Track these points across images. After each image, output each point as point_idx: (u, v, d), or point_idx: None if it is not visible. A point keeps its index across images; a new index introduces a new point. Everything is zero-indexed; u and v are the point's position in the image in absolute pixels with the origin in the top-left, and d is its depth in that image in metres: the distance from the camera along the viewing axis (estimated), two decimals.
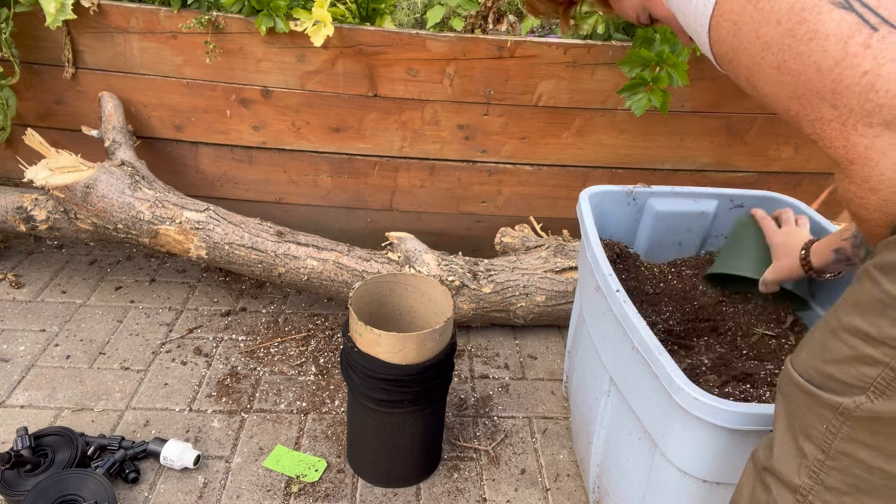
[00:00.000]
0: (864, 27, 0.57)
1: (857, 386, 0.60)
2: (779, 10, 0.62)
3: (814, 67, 0.60)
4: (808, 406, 0.65)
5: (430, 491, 1.36)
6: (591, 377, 1.27)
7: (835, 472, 0.63)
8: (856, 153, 0.59)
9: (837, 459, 0.62)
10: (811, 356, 0.65)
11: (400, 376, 1.19)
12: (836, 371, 0.62)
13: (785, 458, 0.68)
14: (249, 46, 1.74)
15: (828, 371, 0.63)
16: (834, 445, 0.62)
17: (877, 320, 0.58)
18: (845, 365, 0.61)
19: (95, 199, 1.63)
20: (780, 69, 0.63)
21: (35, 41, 1.76)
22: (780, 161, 1.96)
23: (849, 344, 0.60)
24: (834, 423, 0.62)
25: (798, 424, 0.66)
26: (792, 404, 0.68)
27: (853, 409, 0.60)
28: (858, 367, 0.59)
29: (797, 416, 0.67)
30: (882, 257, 0.58)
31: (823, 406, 0.63)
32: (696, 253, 1.55)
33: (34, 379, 1.55)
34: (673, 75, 1.62)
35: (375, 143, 1.89)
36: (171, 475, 1.34)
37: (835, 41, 0.59)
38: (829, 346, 0.63)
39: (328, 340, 1.76)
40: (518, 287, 1.72)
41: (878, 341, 0.58)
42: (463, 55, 1.74)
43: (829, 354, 0.63)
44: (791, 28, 0.61)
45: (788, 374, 0.69)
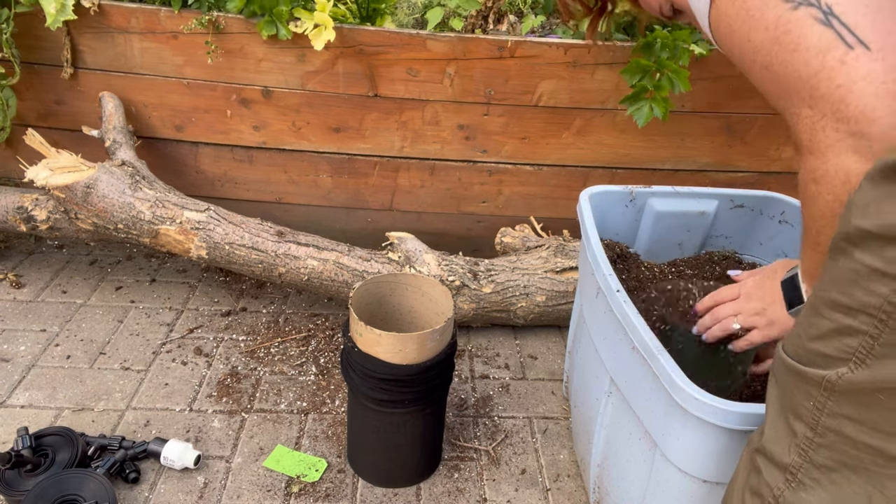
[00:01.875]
0: (841, 44, 0.65)
1: (840, 358, 0.60)
2: (767, 18, 0.70)
3: (795, 74, 0.69)
4: (797, 385, 0.66)
5: (430, 491, 1.36)
6: (592, 377, 1.27)
7: (823, 449, 0.64)
8: (816, 147, 0.69)
9: (825, 436, 0.63)
10: (797, 335, 0.67)
11: (400, 376, 1.19)
12: (821, 346, 0.62)
13: (776, 438, 0.69)
14: (250, 47, 1.74)
15: (813, 347, 0.63)
16: (821, 422, 0.63)
17: (851, 290, 0.59)
18: (828, 339, 0.62)
19: (96, 199, 1.64)
20: (769, 70, 0.72)
21: (35, 41, 1.76)
22: (780, 161, 1.96)
23: (829, 318, 0.61)
24: (819, 398, 0.63)
25: (788, 405, 0.67)
26: (782, 386, 0.69)
27: (835, 380, 0.61)
28: (841, 338, 0.60)
29: (787, 397, 0.67)
30: (845, 229, 0.60)
31: (809, 382, 0.63)
32: (696, 253, 1.55)
33: (35, 379, 1.55)
34: (675, 81, 1.62)
35: (376, 143, 1.89)
36: (171, 475, 1.34)
37: (815, 53, 0.66)
38: (813, 322, 0.64)
39: (328, 340, 1.76)
40: (518, 287, 1.72)
41: (855, 310, 0.58)
42: (463, 55, 1.74)
43: (814, 330, 0.63)
44: (777, 36, 0.69)
45: (779, 356, 0.70)
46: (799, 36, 0.67)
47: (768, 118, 1.87)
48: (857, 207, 0.58)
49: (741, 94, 1.82)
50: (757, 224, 1.51)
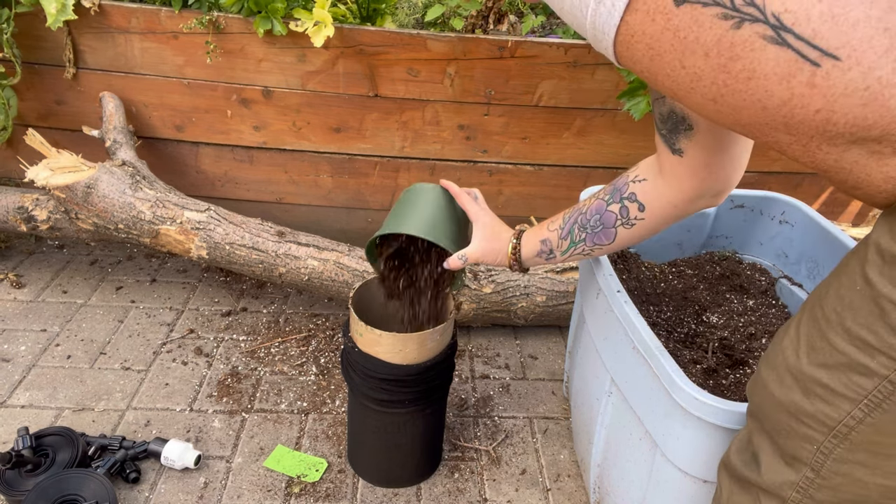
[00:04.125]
0: (805, 64, 0.52)
1: (847, 397, 0.56)
2: (705, 42, 0.56)
3: (759, 105, 0.56)
4: (794, 426, 0.61)
5: (430, 491, 1.36)
6: (592, 377, 1.27)
7: (826, 490, 0.60)
8: (826, 166, 0.57)
9: (830, 479, 0.59)
10: (796, 355, 0.61)
11: (400, 376, 1.19)
12: (825, 376, 0.57)
13: (770, 472, 0.65)
14: (250, 47, 1.74)
15: (815, 375, 0.58)
16: (826, 466, 0.59)
17: (874, 326, 0.53)
18: (836, 372, 0.56)
19: (96, 199, 1.64)
20: (718, 102, 0.59)
21: (36, 41, 1.76)
22: (780, 161, 1.96)
23: (840, 349, 0.56)
24: (826, 445, 0.58)
25: (783, 443, 0.63)
26: (772, 420, 0.64)
27: (847, 432, 0.56)
28: (851, 375, 0.55)
29: (781, 436, 0.63)
30: (874, 252, 0.54)
31: (812, 427, 0.59)
32: (696, 253, 1.55)
33: (35, 379, 1.55)
34: None
35: (376, 143, 1.89)
36: (171, 475, 1.34)
37: (776, 81, 0.54)
38: (818, 346, 0.58)
39: (329, 340, 1.76)
40: (518, 287, 1.72)
41: (874, 349, 0.54)
42: (463, 55, 1.74)
43: (819, 357, 0.58)
44: (723, 64, 0.56)
45: (762, 383, 0.65)
46: (751, 62, 0.54)
47: None
48: (888, 230, 0.53)
49: None
50: (757, 224, 1.51)
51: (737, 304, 1.39)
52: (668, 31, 0.58)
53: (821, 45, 0.51)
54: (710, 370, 1.19)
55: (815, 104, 0.53)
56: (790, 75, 0.53)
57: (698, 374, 1.18)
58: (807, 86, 0.53)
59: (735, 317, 1.35)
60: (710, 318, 1.36)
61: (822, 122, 0.54)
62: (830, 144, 0.55)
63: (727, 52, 0.55)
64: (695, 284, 1.44)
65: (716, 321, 1.35)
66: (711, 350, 1.25)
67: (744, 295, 1.42)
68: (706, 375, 1.18)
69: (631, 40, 0.61)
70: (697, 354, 1.24)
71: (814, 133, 0.55)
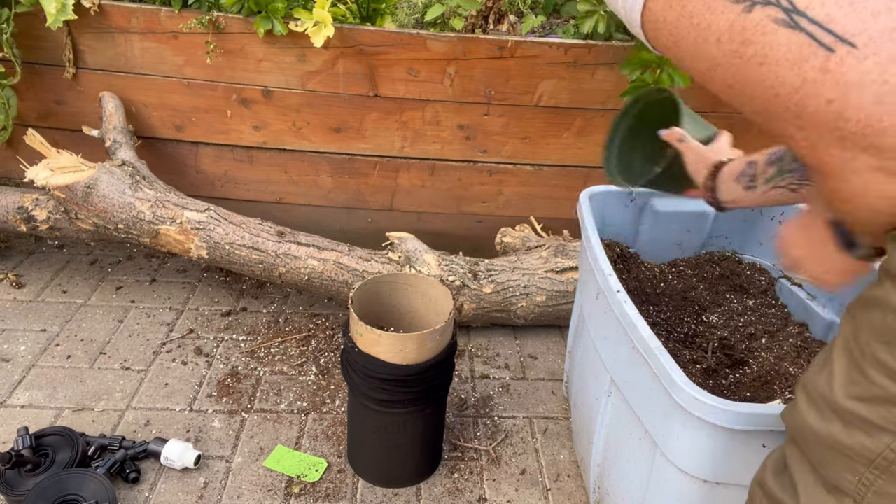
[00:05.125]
0: (819, 49, 0.50)
1: (886, 429, 0.56)
2: (718, 27, 0.55)
3: (771, 92, 0.54)
4: (834, 458, 0.61)
5: (430, 491, 1.36)
6: (592, 377, 1.27)
7: None
8: (829, 169, 0.55)
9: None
10: (831, 388, 0.61)
11: (400, 376, 1.19)
12: (862, 410, 0.57)
13: (812, 502, 0.64)
14: (250, 47, 1.74)
15: (852, 408, 0.58)
16: (867, 498, 0.59)
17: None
18: (873, 405, 0.56)
19: (96, 199, 1.64)
20: (734, 88, 0.57)
21: (36, 41, 1.76)
22: None
23: (876, 382, 0.56)
24: (867, 476, 0.58)
25: (824, 473, 0.63)
26: (813, 451, 0.64)
27: (887, 465, 0.56)
28: (890, 408, 0.55)
29: (822, 465, 0.63)
30: (892, 283, 0.54)
31: (853, 459, 0.59)
32: (696, 253, 1.55)
33: (35, 379, 1.55)
34: (674, 77, 1.62)
35: (376, 143, 1.89)
36: (171, 475, 1.34)
37: (788, 67, 0.52)
38: (855, 379, 0.58)
39: (329, 340, 1.76)
40: (518, 287, 1.72)
41: None
42: (463, 55, 1.74)
43: (855, 389, 0.58)
44: (735, 49, 0.54)
45: (802, 416, 0.64)
46: (763, 46, 0.53)
47: None
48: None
49: None
50: (757, 224, 1.51)
51: (736, 304, 1.39)
52: (684, 18, 0.57)
53: (836, 29, 0.49)
54: (709, 370, 1.19)
55: (827, 93, 0.51)
56: (802, 60, 0.51)
57: (698, 374, 1.18)
58: (819, 71, 0.50)
59: (735, 317, 1.35)
60: (709, 318, 1.36)
61: (835, 115, 0.51)
62: (840, 147, 0.52)
63: (739, 36, 0.54)
64: (695, 284, 1.44)
65: (716, 321, 1.35)
66: (711, 350, 1.25)
67: (743, 295, 1.42)
68: (706, 375, 1.18)
69: (655, 27, 0.61)
70: (697, 354, 1.24)
71: (825, 129, 0.52)
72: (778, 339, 1.29)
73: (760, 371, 1.19)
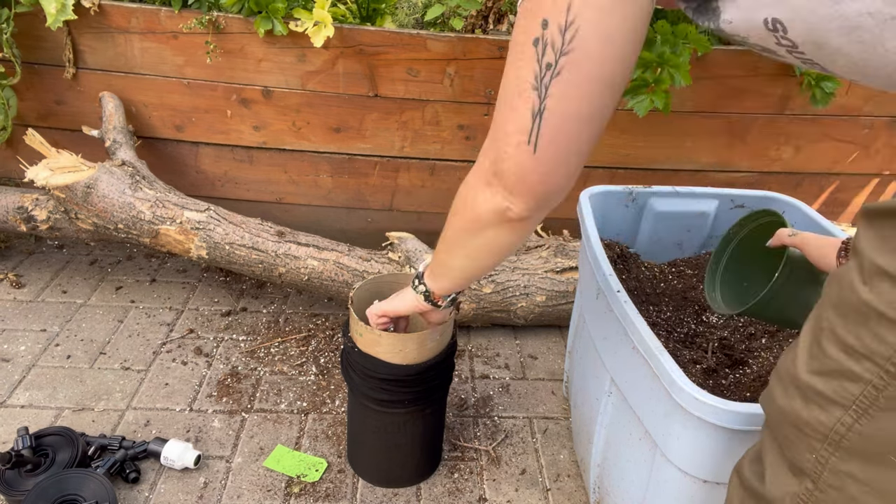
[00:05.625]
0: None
1: (838, 403, 0.57)
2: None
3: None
4: (796, 435, 0.62)
5: (430, 491, 1.36)
6: (592, 377, 1.27)
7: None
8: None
9: (826, 492, 0.60)
10: (795, 365, 0.62)
11: (400, 376, 1.19)
12: (819, 383, 0.59)
13: (775, 484, 0.66)
14: (250, 46, 1.74)
15: (811, 383, 0.60)
16: (823, 477, 0.60)
17: (858, 332, 0.55)
18: (829, 378, 0.58)
19: (96, 199, 1.64)
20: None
21: (36, 41, 1.76)
22: (780, 161, 1.96)
23: (832, 356, 0.58)
24: (822, 453, 0.59)
25: (789, 454, 0.64)
26: (780, 431, 0.65)
27: (839, 439, 0.57)
28: (841, 382, 0.57)
29: (787, 446, 0.64)
30: (857, 261, 0.56)
31: (811, 436, 0.60)
32: (696, 253, 1.55)
33: (35, 379, 1.55)
34: (675, 76, 1.62)
35: (376, 143, 1.89)
36: (171, 475, 1.34)
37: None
38: (815, 354, 0.60)
39: (329, 340, 1.76)
40: (518, 287, 1.72)
41: (860, 355, 0.55)
42: (463, 55, 1.74)
43: (815, 364, 0.60)
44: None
45: (771, 395, 0.66)
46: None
47: (768, 118, 1.87)
48: (876, 239, 0.54)
49: (741, 94, 1.83)
50: None
51: None
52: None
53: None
54: (709, 370, 1.19)
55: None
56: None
57: (698, 374, 1.18)
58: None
59: (735, 317, 1.35)
60: (709, 318, 1.36)
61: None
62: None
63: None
64: (695, 284, 1.44)
65: (715, 321, 1.35)
66: (711, 350, 1.25)
67: None
68: (706, 375, 1.18)
69: None
70: (697, 354, 1.24)
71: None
72: (778, 339, 1.29)
73: (760, 371, 1.19)
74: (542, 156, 0.70)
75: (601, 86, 0.67)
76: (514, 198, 0.76)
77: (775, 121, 1.87)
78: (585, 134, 0.71)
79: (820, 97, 1.75)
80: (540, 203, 0.77)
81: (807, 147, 1.94)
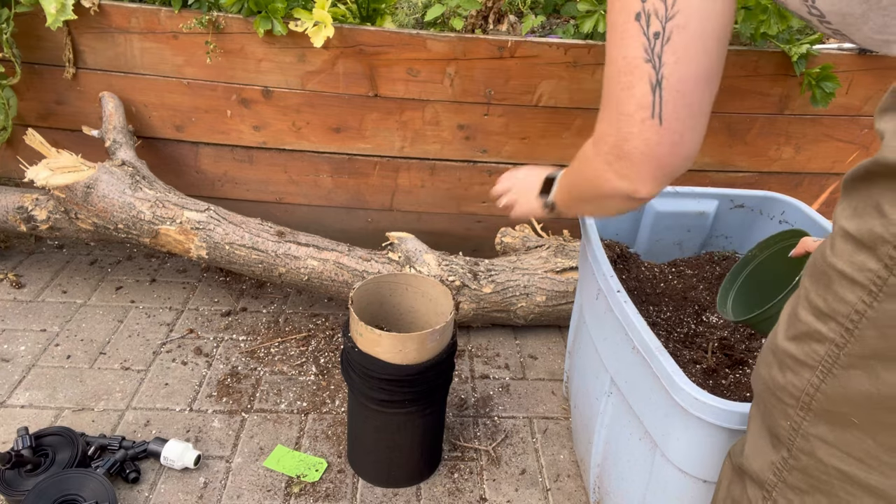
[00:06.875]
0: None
1: (807, 364, 0.60)
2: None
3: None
4: (774, 403, 0.65)
5: (430, 491, 1.36)
6: (592, 377, 1.27)
7: (796, 472, 0.63)
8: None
9: (799, 459, 0.63)
10: (775, 335, 0.65)
11: (400, 376, 1.19)
12: (793, 347, 0.61)
13: (755, 455, 0.68)
14: (250, 46, 1.74)
15: (786, 347, 0.62)
16: (796, 443, 0.62)
17: (825, 293, 0.58)
18: (800, 342, 0.61)
19: (96, 199, 1.64)
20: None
21: (36, 41, 1.76)
22: (780, 161, 1.96)
23: (803, 319, 0.60)
24: (795, 418, 0.62)
25: (768, 423, 0.67)
26: (762, 403, 0.68)
27: (808, 401, 0.59)
28: (811, 343, 0.59)
29: (767, 415, 0.67)
30: (834, 225, 0.59)
31: (786, 402, 0.62)
32: (696, 253, 1.55)
33: (35, 379, 1.55)
34: None
35: (376, 143, 1.89)
36: (171, 475, 1.34)
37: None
38: (791, 321, 0.63)
39: (329, 340, 1.76)
40: (518, 287, 1.72)
41: (826, 315, 0.58)
42: (463, 55, 1.74)
43: (791, 330, 0.62)
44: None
45: (756, 368, 0.69)
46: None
47: (768, 118, 1.87)
48: (847, 208, 0.57)
49: (741, 94, 1.82)
50: (757, 224, 1.51)
51: None
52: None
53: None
54: (710, 370, 1.19)
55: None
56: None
57: (698, 374, 1.18)
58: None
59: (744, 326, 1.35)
60: (709, 318, 1.36)
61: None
62: None
63: None
64: (695, 284, 1.44)
65: (715, 321, 1.35)
66: (711, 350, 1.25)
67: None
68: (706, 375, 1.18)
69: None
70: (697, 354, 1.24)
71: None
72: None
73: None
74: (670, 125, 0.69)
75: (712, 41, 0.67)
76: (643, 179, 0.73)
77: (775, 121, 1.87)
78: (707, 93, 0.70)
79: (820, 97, 1.75)
80: (668, 177, 0.74)
81: (807, 147, 1.94)
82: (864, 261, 0.54)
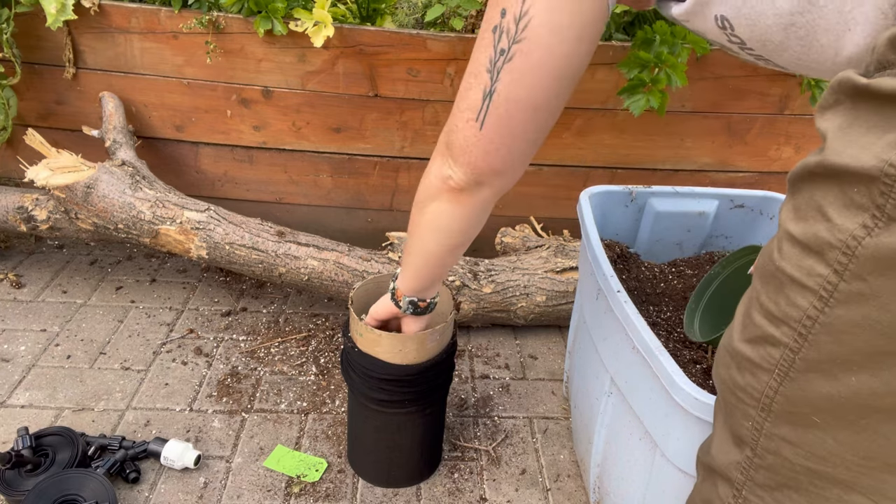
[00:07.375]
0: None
1: (763, 367, 0.59)
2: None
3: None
4: (735, 404, 0.64)
5: (430, 491, 1.36)
6: (592, 377, 1.27)
7: (763, 470, 0.63)
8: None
9: (764, 458, 0.62)
10: (731, 338, 0.65)
11: (400, 376, 1.19)
12: (748, 350, 0.61)
13: (720, 454, 0.68)
14: (250, 46, 1.74)
15: (742, 350, 0.62)
16: (760, 443, 0.62)
17: (776, 297, 0.57)
18: (755, 345, 0.60)
19: (96, 199, 1.64)
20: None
21: (36, 41, 1.76)
22: (780, 161, 1.96)
23: (757, 322, 0.60)
24: (757, 419, 0.61)
25: (730, 422, 0.66)
26: (724, 401, 0.67)
27: (769, 403, 0.59)
28: (765, 347, 0.59)
29: (728, 415, 0.66)
30: (779, 227, 0.58)
31: (746, 402, 0.62)
32: (696, 253, 1.55)
33: (35, 379, 1.55)
34: (672, 76, 1.62)
35: (376, 143, 1.89)
36: (171, 475, 1.34)
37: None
38: (745, 323, 0.63)
39: (329, 340, 1.76)
40: (518, 287, 1.72)
41: (778, 319, 0.57)
42: (464, 55, 1.74)
43: (746, 332, 0.62)
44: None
45: (716, 369, 0.68)
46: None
47: (768, 118, 1.87)
48: (791, 210, 0.57)
49: (741, 94, 1.83)
50: (757, 224, 1.51)
51: None
52: None
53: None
54: (710, 370, 1.19)
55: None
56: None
57: (698, 374, 1.18)
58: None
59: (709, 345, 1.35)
60: None
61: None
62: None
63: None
64: (694, 284, 1.44)
65: None
66: (711, 350, 1.25)
67: None
68: (706, 375, 1.18)
69: None
70: (697, 354, 1.24)
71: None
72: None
73: None
74: (486, 134, 0.76)
75: (550, 76, 0.71)
76: (457, 166, 0.82)
77: (775, 121, 1.87)
78: (531, 121, 0.75)
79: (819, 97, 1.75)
80: (479, 177, 0.82)
81: (807, 147, 1.94)
82: (813, 265, 0.53)
